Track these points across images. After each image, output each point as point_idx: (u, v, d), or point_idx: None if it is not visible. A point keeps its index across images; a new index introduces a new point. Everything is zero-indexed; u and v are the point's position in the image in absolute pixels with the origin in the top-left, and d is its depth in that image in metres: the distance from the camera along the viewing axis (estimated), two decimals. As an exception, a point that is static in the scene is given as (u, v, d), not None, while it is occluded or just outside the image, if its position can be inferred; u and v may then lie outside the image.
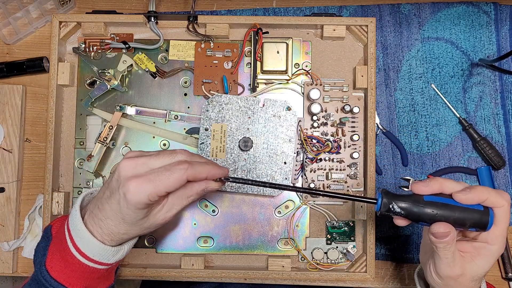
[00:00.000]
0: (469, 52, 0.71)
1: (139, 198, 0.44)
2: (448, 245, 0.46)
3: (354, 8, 0.72)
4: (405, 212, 0.48)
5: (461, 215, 0.46)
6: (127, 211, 0.46)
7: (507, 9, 0.71)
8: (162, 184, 0.45)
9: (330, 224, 0.67)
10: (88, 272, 0.49)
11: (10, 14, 0.71)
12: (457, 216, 0.46)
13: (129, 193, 0.44)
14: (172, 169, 0.45)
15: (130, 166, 0.46)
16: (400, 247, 0.68)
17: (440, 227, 0.46)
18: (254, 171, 0.65)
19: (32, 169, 0.71)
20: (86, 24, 0.68)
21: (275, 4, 0.73)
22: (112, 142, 0.68)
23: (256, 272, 0.65)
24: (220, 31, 0.67)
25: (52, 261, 0.49)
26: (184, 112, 0.68)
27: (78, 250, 0.48)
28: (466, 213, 0.46)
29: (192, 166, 0.46)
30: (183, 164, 0.46)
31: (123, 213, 0.46)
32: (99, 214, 0.48)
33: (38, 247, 0.51)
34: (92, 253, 0.48)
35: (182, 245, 0.67)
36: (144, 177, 0.45)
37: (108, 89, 0.67)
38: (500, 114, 0.70)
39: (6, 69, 0.71)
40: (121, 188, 0.45)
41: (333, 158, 0.66)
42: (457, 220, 0.46)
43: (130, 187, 0.44)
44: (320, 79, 0.67)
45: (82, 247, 0.48)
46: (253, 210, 0.67)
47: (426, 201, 0.47)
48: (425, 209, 0.47)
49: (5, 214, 0.69)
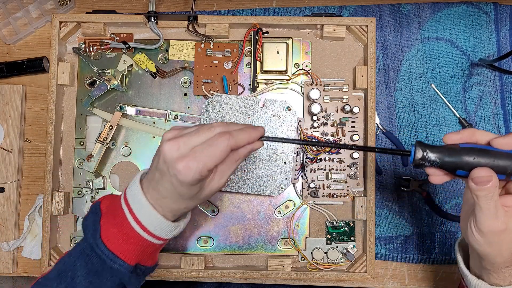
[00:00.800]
0: (469, 52, 0.71)
1: (190, 177, 0.45)
2: (489, 193, 0.43)
3: (354, 8, 0.72)
4: (440, 161, 0.44)
5: (502, 161, 0.43)
6: (181, 189, 0.47)
7: (507, 9, 0.71)
8: (209, 160, 0.46)
9: (330, 224, 0.67)
10: (144, 246, 0.50)
11: (10, 14, 0.71)
12: (497, 162, 0.43)
13: (180, 174, 0.45)
14: (215, 143, 0.46)
15: (173, 148, 0.46)
16: (400, 247, 0.68)
17: (481, 171, 0.43)
18: (254, 171, 0.65)
19: (32, 169, 0.71)
20: (86, 24, 0.68)
21: (275, 4, 0.73)
22: (112, 142, 0.68)
23: (256, 272, 0.65)
24: (220, 31, 0.67)
25: (109, 234, 0.49)
26: (184, 112, 0.68)
27: (139, 224, 0.49)
28: (507, 159, 0.42)
29: (232, 135, 0.47)
30: (224, 136, 0.46)
31: (178, 192, 0.47)
32: (157, 194, 0.49)
33: (87, 221, 0.52)
34: (153, 227, 0.49)
35: (182, 245, 0.67)
36: (190, 156, 0.45)
37: (108, 89, 0.67)
38: (500, 114, 0.70)
39: (6, 69, 0.71)
40: (171, 170, 0.46)
41: (333, 158, 0.66)
42: (498, 167, 0.43)
43: (179, 168, 0.45)
44: (320, 79, 0.67)
45: (144, 221, 0.49)
46: (253, 210, 0.67)
47: (462, 147, 0.44)
48: (462, 155, 0.44)
49: (5, 214, 0.69)
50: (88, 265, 0.50)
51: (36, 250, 0.69)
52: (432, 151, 0.45)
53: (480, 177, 0.43)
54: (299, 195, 0.67)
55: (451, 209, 0.69)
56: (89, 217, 0.52)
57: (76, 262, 0.50)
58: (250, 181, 0.65)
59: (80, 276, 0.50)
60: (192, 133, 0.47)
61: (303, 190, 0.66)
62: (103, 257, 0.49)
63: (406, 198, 0.69)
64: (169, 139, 0.47)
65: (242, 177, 0.65)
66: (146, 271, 0.54)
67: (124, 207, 0.50)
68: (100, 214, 0.51)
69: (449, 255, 0.68)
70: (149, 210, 0.49)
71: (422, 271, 0.68)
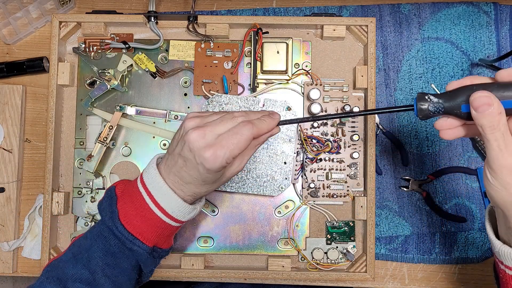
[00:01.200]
0: (469, 52, 0.71)
1: (217, 164, 0.47)
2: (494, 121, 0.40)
3: (354, 8, 0.72)
4: (444, 101, 0.44)
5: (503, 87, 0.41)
6: (207, 176, 0.49)
7: (507, 9, 0.71)
8: (234, 147, 0.47)
9: (330, 224, 0.67)
10: (162, 228, 0.52)
11: (10, 14, 0.71)
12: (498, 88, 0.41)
13: (207, 162, 0.47)
14: (240, 132, 0.48)
15: (199, 137, 0.47)
16: (400, 247, 0.68)
17: (479, 93, 0.41)
18: (254, 171, 0.65)
19: (32, 169, 0.71)
20: (86, 24, 0.68)
21: (275, 4, 0.73)
22: (112, 142, 0.68)
23: (256, 272, 0.65)
24: (220, 31, 0.67)
25: (127, 217, 0.51)
26: (184, 112, 0.68)
27: (158, 206, 0.51)
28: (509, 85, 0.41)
29: (255, 124, 0.49)
30: (248, 125, 0.49)
31: (203, 179, 0.49)
32: (179, 180, 0.50)
33: (103, 205, 0.53)
34: (172, 210, 0.51)
35: (182, 245, 0.67)
36: (217, 144, 0.47)
37: (108, 89, 0.67)
38: (500, 114, 0.70)
39: (6, 69, 0.71)
40: (198, 158, 0.47)
41: (333, 158, 0.66)
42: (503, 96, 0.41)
43: (207, 157, 0.47)
44: (320, 79, 0.67)
45: (163, 204, 0.51)
46: (253, 210, 0.67)
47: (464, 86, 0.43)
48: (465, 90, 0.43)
49: (5, 214, 0.69)
50: (106, 247, 0.51)
51: (36, 250, 0.69)
52: (435, 95, 0.44)
53: (478, 98, 0.41)
54: (299, 195, 0.67)
55: (451, 209, 0.69)
56: (105, 200, 0.53)
57: (93, 244, 0.52)
58: (250, 181, 0.65)
59: (97, 258, 0.51)
60: (216, 121, 0.49)
61: (303, 190, 0.66)
62: (122, 239, 0.51)
63: (406, 198, 0.69)
64: (193, 127, 0.48)
65: (242, 177, 0.65)
66: (162, 253, 0.55)
67: (142, 191, 0.51)
68: (116, 198, 0.52)
69: (449, 255, 0.68)
70: (168, 193, 0.50)
71: (422, 271, 0.68)
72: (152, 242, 0.52)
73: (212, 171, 0.48)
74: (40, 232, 0.68)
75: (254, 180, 0.65)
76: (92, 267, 0.50)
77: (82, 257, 0.51)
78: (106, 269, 0.51)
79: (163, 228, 0.52)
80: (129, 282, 0.53)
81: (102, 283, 0.50)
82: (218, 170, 0.48)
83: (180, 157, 0.49)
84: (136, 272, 0.54)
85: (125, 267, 0.52)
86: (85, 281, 0.50)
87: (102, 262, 0.51)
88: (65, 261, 0.52)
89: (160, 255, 0.55)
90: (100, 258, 0.51)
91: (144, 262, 0.53)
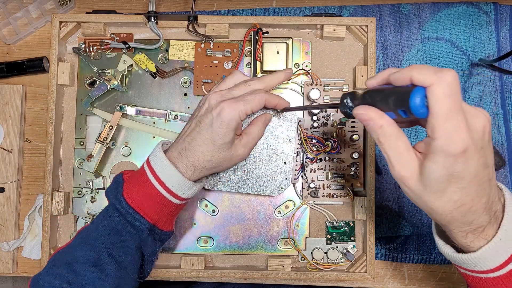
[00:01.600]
0: (469, 52, 0.71)
1: (232, 115, 0.52)
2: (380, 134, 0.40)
3: (354, 8, 0.72)
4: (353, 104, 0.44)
5: (387, 93, 0.40)
6: (218, 131, 0.52)
7: (507, 9, 0.71)
8: (249, 104, 0.53)
9: (330, 224, 0.67)
10: (162, 203, 0.53)
11: (10, 14, 0.71)
12: (382, 95, 0.40)
13: (224, 111, 0.51)
14: (254, 93, 0.54)
15: (218, 95, 0.54)
16: (400, 247, 0.68)
17: (358, 109, 0.41)
18: (254, 171, 0.65)
19: (32, 169, 0.71)
20: (86, 24, 0.68)
21: (275, 4, 0.73)
22: (112, 142, 0.68)
23: (256, 272, 0.65)
24: (220, 31, 0.67)
25: (130, 192, 0.53)
26: (184, 112, 0.68)
27: (158, 181, 0.53)
28: (392, 91, 0.40)
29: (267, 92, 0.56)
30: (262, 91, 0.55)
31: (214, 134, 0.52)
32: (188, 145, 0.53)
33: (109, 189, 0.56)
34: (171, 183, 0.53)
35: (182, 245, 0.67)
36: (233, 99, 0.53)
37: (108, 89, 0.67)
38: (500, 114, 0.70)
39: (6, 69, 0.71)
40: (214, 110, 0.52)
41: (333, 158, 0.66)
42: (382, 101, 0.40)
43: (224, 106, 0.52)
44: (320, 79, 0.67)
45: (163, 177, 0.52)
46: (253, 210, 0.67)
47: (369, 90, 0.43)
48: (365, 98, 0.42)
49: (5, 214, 0.69)
50: (110, 225, 0.53)
51: (36, 250, 0.69)
52: (351, 97, 0.45)
53: (358, 114, 0.42)
54: (299, 195, 0.67)
55: (451, 209, 0.69)
56: (112, 185, 0.56)
57: (99, 225, 0.53)
58: (250, 181, 0.65)
59: (102, 237, 0.52)
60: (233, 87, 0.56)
61: (303, 190, 0.66)
62: (124, 213, 0.53)
63: (406, 198, 0.69)
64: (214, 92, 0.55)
65: (242, 177, 0.65)
66: (163, 235, 0.56)
67: (146, 168, 0.54)
68: (123, 182, 0.55)
69: (449, 255, 0.68)
70: (169, 167, 0.52)
71: (422, 271, 0.68)
72: (152, 219, 0.53)
73: (225, 123, 0.51)
74: (40, 232, 0.68)
75: (254, 180, 0.65)
76: (97, 247, 0.51)
77: (89, 239, 0.53)
78: (110, 248, 0.52)
79: (163, 204, 0.53)
80: (133, 265, 0.54)
81: (107, 262, 0.51)
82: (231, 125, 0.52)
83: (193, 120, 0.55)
84: (139, 255, 0.55)
85: (129, 246, 0.53)
86: (91, 262, 0.51)
87: (107, 241, 0.52)
88: (74, 245, 0.53)
89: (161, 237, 0.56)
90: (105, 237, 0.52)
91: (144, 241, 0.54)
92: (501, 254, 0.42)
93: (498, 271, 0.42)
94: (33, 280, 0.52)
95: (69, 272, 0.50)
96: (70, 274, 0.50)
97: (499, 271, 0.42)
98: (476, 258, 0.42)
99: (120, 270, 0.52)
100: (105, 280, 0.50)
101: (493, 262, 0.42)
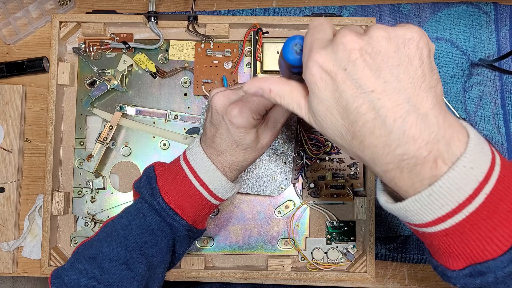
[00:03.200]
0: (469, 52, 0.71)
1: (244, 119, 0.47)
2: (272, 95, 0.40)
3: (354, 8, 0.72)
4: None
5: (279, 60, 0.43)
6: (238, 135, 0.48)
7: (507, 9, 0.71)
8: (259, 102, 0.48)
9: (330, 224, 0.67)
10: (202, 205, 0.52)
11: (10, 14, 0.71)
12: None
13: (235, 118, 0.47)
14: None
15: (223, 98, 0.49)
16: (400, 247, 0.68)
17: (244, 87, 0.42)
18: (254, 171, 0.65)
19: (32, 169, 0.71)
20: (86, 24, 0.68)
21: (275, 4, 0.73)
22: (112, 142, 0.68)
23: (256, 272, 0.65)
24: (220, 31, 0.67)
25: (169, 192, 0.51)
26: (184, 112, 0.68)
27: (200, 181, 0.50)
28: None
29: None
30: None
31: (235, 139, 0.49)
32: (215, 151, 0.50)
33: (141, 183, 0.53)
34: (214, 185, 0.51)
35: (182, 245, 0.67)
36: (241, 101, 0.48)
37: (108, 89, 0.67)
38: (500, 114, 0.70)
39: (6, 69, 0.71)
40: (226, 117, 0.48)
41: (333, 158, 0.66)
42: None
43: (234, 112, 0.47)
44: (320, 79, 0.67)
45: (206, 179, 0.50)
46: (253, 210, 0.67)
47: None
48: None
49: (5, 214, 0.69)
50: (145, 224, 0.51)
51: (36, 250, 0.69)
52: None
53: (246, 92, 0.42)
54: (299, 195, 0.67)
55: (451, 209, 0.69)
56: (144, 179, 0.53)
57: (131, 222, 0.51)
58: (250, 181, 0.65)
59: (135, 235, 0.50)
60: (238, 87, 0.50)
61: (303, 190, 0.66)
62: (163, 214, 0.50)
63: (406, 198, 0.69)
64: (217, 92, 0.50)
65: (242, 177, 0.65)
66: (197, 234, 0.55)
67: (185, 167, 0.51)
68: (156, 177, 0.52)
69: (449, 255, 0.68)
70: (211, 168, 0.50)
71: (422, 271, 0.68)
72: (191, 219, 0.52)
73: (241, 128, 0.48)
74: (40, 232, 0.68)
75: (254, 180, 0.65)
76: (129, 245, 0.50)
77: (118, 235, 0.51)
78: (143, 247, 0.50)
79: (203, 205, 0.52)
80: (164, 264, 0.53)
81: (139, 262, 0.50)
82: (247, 127, 0.48)
83: (211, 125, 0.50)
84: (169, 255, 0.54)
85: (162, 246, 0.51)
86: (121, 260, 0.49)
87: (140, 240, 0.50)
88: (99, 239, 0.51)
89: (195, 235, 0.55)
90: (138, 235, 0.50)
91: (181, 241, 0.53)
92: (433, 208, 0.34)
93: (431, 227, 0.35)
94: (55, 274, 0.50)
95: (95, 268, 0.48)
96: (97, 270, 0.48)
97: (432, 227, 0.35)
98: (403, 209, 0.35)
99: (150, 269, 0.51)
100: (134, 279, 0.49)
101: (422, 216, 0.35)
